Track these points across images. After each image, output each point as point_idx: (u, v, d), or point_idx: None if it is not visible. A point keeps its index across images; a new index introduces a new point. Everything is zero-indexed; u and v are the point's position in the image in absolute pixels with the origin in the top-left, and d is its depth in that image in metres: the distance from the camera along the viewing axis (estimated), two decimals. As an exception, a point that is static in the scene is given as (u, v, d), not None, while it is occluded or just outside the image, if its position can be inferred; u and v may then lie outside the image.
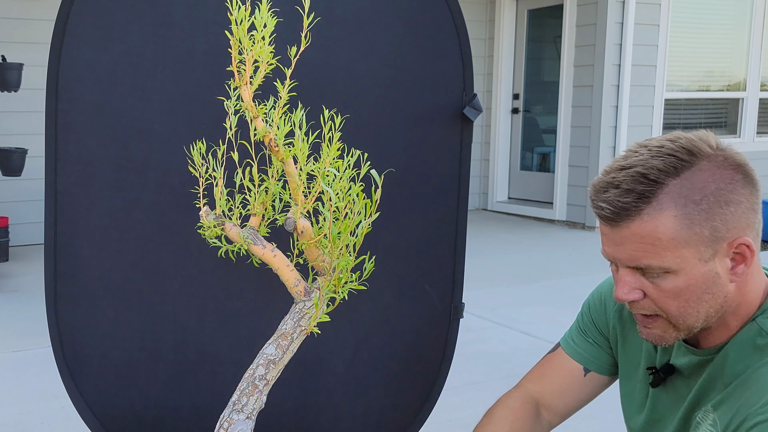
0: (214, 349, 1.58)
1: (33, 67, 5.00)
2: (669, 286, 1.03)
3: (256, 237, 1.22)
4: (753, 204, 1.03)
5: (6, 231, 5.26)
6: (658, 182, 0.99)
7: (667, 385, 1.17)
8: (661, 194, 0.99)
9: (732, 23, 7.46)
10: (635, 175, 1.00)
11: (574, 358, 1.32)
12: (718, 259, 1.01)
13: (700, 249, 1.00)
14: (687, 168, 1.00)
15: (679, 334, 1.08)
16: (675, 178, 1.00)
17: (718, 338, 1.09)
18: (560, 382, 1.33)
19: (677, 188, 0.99)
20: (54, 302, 1.53)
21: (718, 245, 1.01)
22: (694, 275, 1.01)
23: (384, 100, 1.57)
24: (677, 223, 0.99)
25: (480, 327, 3.97)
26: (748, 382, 1.02)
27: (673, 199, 0.99)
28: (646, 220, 1.00)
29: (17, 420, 2.78)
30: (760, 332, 1.04)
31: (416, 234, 1.62)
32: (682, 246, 1.00)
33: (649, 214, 1.00)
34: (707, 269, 1.01)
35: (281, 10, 1.40)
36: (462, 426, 2.79)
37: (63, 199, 1.50)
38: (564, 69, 7.01)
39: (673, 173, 1.00)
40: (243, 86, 1.16)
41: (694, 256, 1.00)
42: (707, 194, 0.99)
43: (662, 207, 0.99)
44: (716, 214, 0.99)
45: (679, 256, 1.00)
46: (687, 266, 1.01)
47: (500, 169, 7.86)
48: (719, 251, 1.01)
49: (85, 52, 1.47)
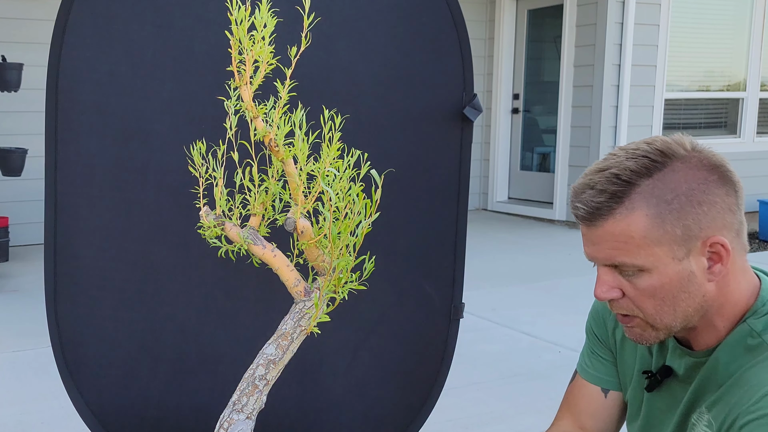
0: (214, 349, 1.58)
1: (33, 67, 4.99)
2: (644, 284, 1.05)
3: (256, 237, 1.22)
4: (731, 205, 1.04)
5: (6, 231, 5.26)
6: (631, 182, 1.02)
7: (662, 389, 1.18)
8: (634, 194, 1.02)
9: (732, 23, 7.46)
10: (609, 176, 1.03)
11: (591, 381, 1.33)
12: (693, 258, 1.03)
13: (672, 248, 1.02)
14: (659, 169, 1.02)
15: (658, 334, 1.09)
16: (647, 179, 1.02)
17: (709, 340, 1.10)
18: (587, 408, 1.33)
19: (649, 188, 1.02)
20: (54, 302, 1.53)
21: (692, 244, 1.02)
22: (668, 274, 1.03)
23: (384, 100, 1.57)
24: (649, 222, 1.01)
25: (480, 327, 3.97)
26: (740, 381, 1.03)
27: (645, 198, 1.02)
28: (619, 219, 1.02)
29: (17, 420, 2.78)
30: (750, 333, 1.05)
31: (416, 234, 1.62)
32: (654, 244, 1.02)
33: (622, 213, 1.02)
34: (681, 268, 1.03)
35: (281, 10, 1.40)
36: (462, 426, 2.79)
37: (63, 199, 1.50)
38: (564, 69, 7.01)
39: (646, 174, 1.02)
40: (243, 86, 1.16)
41: (667, 255, 1.02)
42: (679, 194, 1.01)
43: (634, 206, 1.02)
44: (688, 214, 1.01)
45: (651, 255, 1.03)
46: (660, 265, 1.03)
47: (500, 169, 7.86)
48: (693, 250, 1.03)
49: (85, 52, 1.47)
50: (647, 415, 1.21)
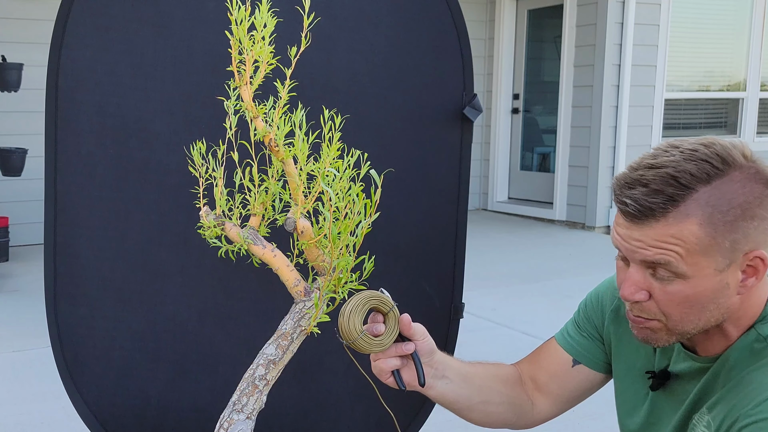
0: (214, 349, 1.57)
1: (33, 67, 4.99)
2: (676, 290, 1.02)
3: (256, 237, 1.22)
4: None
5: (6, 231, 5.26)
6: (689, 187, 0.98)
7: (667, 389, 1.18)
8: (690, 199, 0.98)
9: (732, 23, 7.46)
10: (665, 176, 0.99)
11: (564, 348, 1.34)
12: (731, 271, 1.01)
13: (717, 259, 0.99)
14: (719, 176, 0.99)
15: (671, 338, 1.07)
16: (706, 185, 0.98)
17: (718, 347, 1.09)
18: (548, 366, 1.34)
19: (706, 196, 0.98)
20: (54, 302, 1.53)
21: (735, 257, 1.00)
22: (704, 284, 1.01)
23: (384, 100, 1.57)
24: (701, 231, 0.98)
25: (480, 327, 3.97)
26: (741, 384, 1.02)
27: (700, 206, 0.98)
28: (671, 223, 0.99)
29: (17, 420, 2.78)
30: (757, 338, 1.05)
31: (416, 234, 1.62)
32: (700, 254, 0.99)
33: (675, 218, 0.98)
34: (719, 279, 1.01)
35: (281, 10, 1.40)
36: (462, 426, 2.78)
37: (63, 199, 1.50)
38: (564, 69, 7.00)
39: (705, 180, 0.98)
40: (243, 86, 1.16)
41: (710, 266, 1.00)
42: (735, 206, 0.98)
43: (689, 212, 0.98)
44: (740, 227, 0.98)
45: (695, 264, 1.00)
46: (699, 275, 1.00)
47: (500, 169, 7.86)
48: (734, 263, 1.00)
49: (85, 52, 1.47)
50: (650, 413, 1.21)
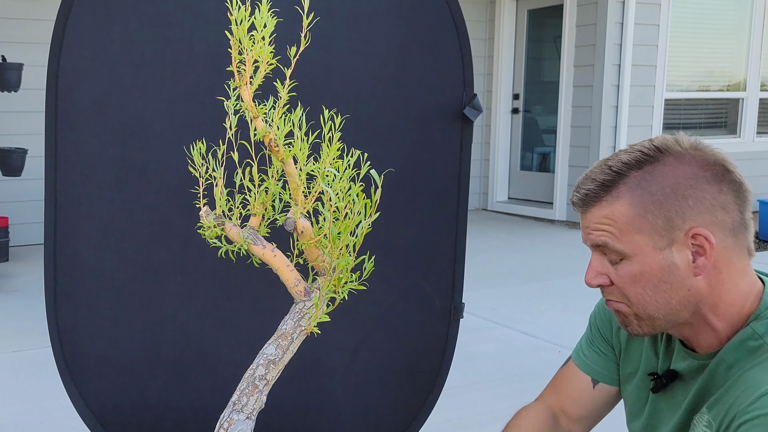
0: (214, 349, 1.58)
1: (33, 67, 4.99)
2: (626, 271, 1.09)
3: (256, 237, 1.22)
4: (724, 203, 1.06)
5: (6, 231, 5.26)
6: (620, 173, 1.08)
7: (668, 390, 1.19)
8: (621, 184, 1.08)
9: (732, 23, 7.46)
10: (604, 167, 1.10)
11: (582, 370, 1.35)
12: (676, 250, 1.07)
13: (654, 237, 1.07)
14: (650, 162, 1.08)
15: (641, 323, 1.13)
16: (637, 171, 1.08)
17: (710, 342, 1.11)
18: (573, 392, 1.36)
19: (637, 180, 1.07)
20: (54, 302, 1.53)
21: (674, 234, 1.06)
22: (648, 262, 1.08)
23: (384, 100, 1.57)
24: (630, 210, 1.07)
25: (480, 327, 3.97)
26: (738, 382, 1.04)
27: (630, 188, 1.07)
28: (604, 205, 1.09)
29: (17, 420, 2.78)
30: (753, 335, 1.07)
31: (416, 234, 1.62)
32: (635, 232, 1.07)
33: (607, 200, 1.09)
34: (662, 257, 1.07)
35: (281, 10, 1.40)
36: (462, 426, 2.79)
37: (63, 199, 1.50)
38: (564, 69, 7.00)
39: (636, 166, 1.08)
40: (243, 86, 1.16)
41: (647, 244, 1.07)
42: (664, 186, 1.06)
43: (619, 195, 1.08)
44: (671, 205, 1.06)
45: (632, 242, 1.08)
46: (641, 253, 1.08)
47: (500, 169, 7.86)
48: (676, 241, 1.06)
49: (85, 52, 1.47)
50: (650, 415, 1.22)
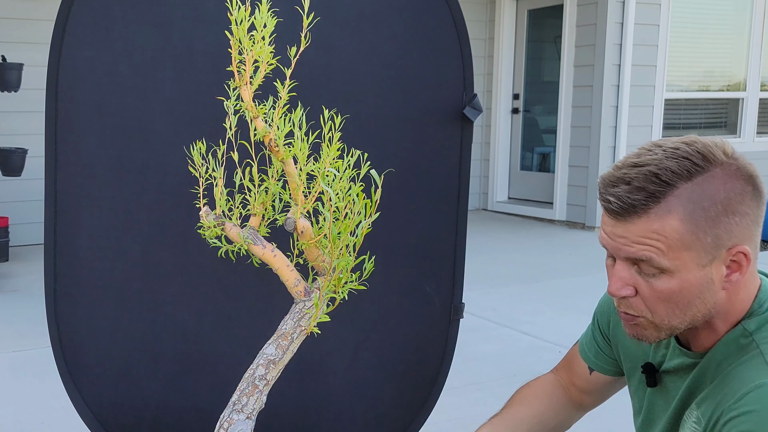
0: (214, 349, 1.58)
1: (33, 67, 4.99)
2: (663, 286, 1.04)
3: (256, 237, 1.22)
4: (758, 217, 1.05)
5: (6, 231, 5.25)
6: (670, 184, 1.01)
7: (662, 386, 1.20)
8: (671, 196, 1.01)
9: (732, 23, 7.46)
10: (648, 173, 1.02)
11: (581, 356, 1.40)
12: (715, 266, 1.03)
13: (700, 254, 1.02)
14: (700, 173, 1.01)
15: (660, 334, 1.10)
16: (687, 182, 1.01)
17: (707, 341, 1.11)
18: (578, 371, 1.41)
19: (688, 192, 1.01)
20: (54, 302, 1.53)
21: (718, 252, 1.02)
22: (688, 279, 1.03)
23: (384, 100, 1.57)
24: (682, 227, 1.01)
25: (480, 327, 3.97)
26: (726, 379, 1.05)
27: (682, 202, 1.01)
28: (653, 219, 1.01)
29: (17, 420, 2.78)
30: (743, 333, 1.07)
31: (416, 234, 1.62)
32: (683, 249, 1.01)
33: (657, 214, 1.01)
34: (703, 274, 1.03)
35: (281, 10, 1.40)
36: (462, 426, 2.79)
37: (63, 199, 1.50)
38: (564, 69, 7.00)
39: (686, 177, 1.01)
40: (243, 86, 1.16)
41: (693, 261, 1.02)
42: (716, 202, 1.01)
43: (670, 209, 1.01)
44: (721, 223, 1.01)
45: (678, 258, 1.02)
46: (684, 269, 1.03)
47: (500, 169, 7.86)
48: (717, 258, 1.03)
49: (85, 52, 1.47)
50: (648, 410, 1.24)
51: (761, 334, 1.05)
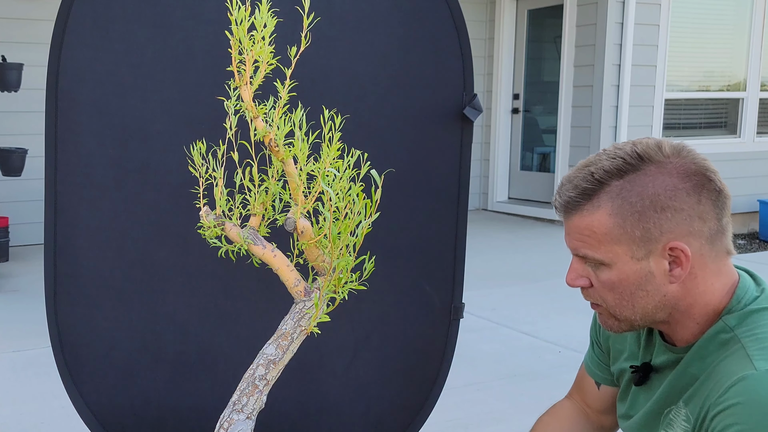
0: (214, 349, 1.58)
1: (33, 67, 4.99)
2: (604, 278, 1.11)
3: (256, 237, 1.22)
4: (702, 212, 1.07)
5: (6, 231, 5.25)
6: (602, 182, 1.08)
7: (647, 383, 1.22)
8: (602, 193, 1.08)
9: (732, 23, 7.46)
10: (586, 173, 1.10)
11: (587, 372, 1.42)
12: (654, 260, 1.08)
13: (632, 248, 1.08)
14: (632, 171, 1.08)
15: (620, 324, 1.16)
16: (618, 180, 1.08)
17: (687, 336, 1.14)
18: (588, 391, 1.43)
19: (617, 189, 1.08)
20: (54, 302, 1.53)
21: (652, 246, 1.07)
22: (625, 271, 1.09)
23: (384, 100, 1.57)
24: (610, 221, 1.08)
25: (480, 327, 3.97)
26: (712, 375, 1.07)
27: (611, 198, 1.08)
28: (585, 214, 1.10)
29: (17, 420, 2.78)
30: (724, 329, 1.09)
31: (416, 234, 1.62)
32: (614, 242, 1.08)
33: (588, 210, 1.09)
34: (639, 267, 1.09)
35: (281, 10, 1.40)
36: (462, 426, 2.79)
37: (63, 199, 1.50)
38: (564, 69, 7.00)
39: (617, 175, 1.08)
40: (243, 86, 1.16)
41: (625, 254, 1.08)
42: (644, 197, 1.06)
43: (600, 204, 1.08)
44: (650, 218, 1.06)
45: (611, 251, 1.09)
46: (619, 262, 1.09)
47: (500, 169, 7.86)
48: (653, 252, 1.08)
49: (85, 52, 1.47)
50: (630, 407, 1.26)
51: (741, 328, 1.07)
